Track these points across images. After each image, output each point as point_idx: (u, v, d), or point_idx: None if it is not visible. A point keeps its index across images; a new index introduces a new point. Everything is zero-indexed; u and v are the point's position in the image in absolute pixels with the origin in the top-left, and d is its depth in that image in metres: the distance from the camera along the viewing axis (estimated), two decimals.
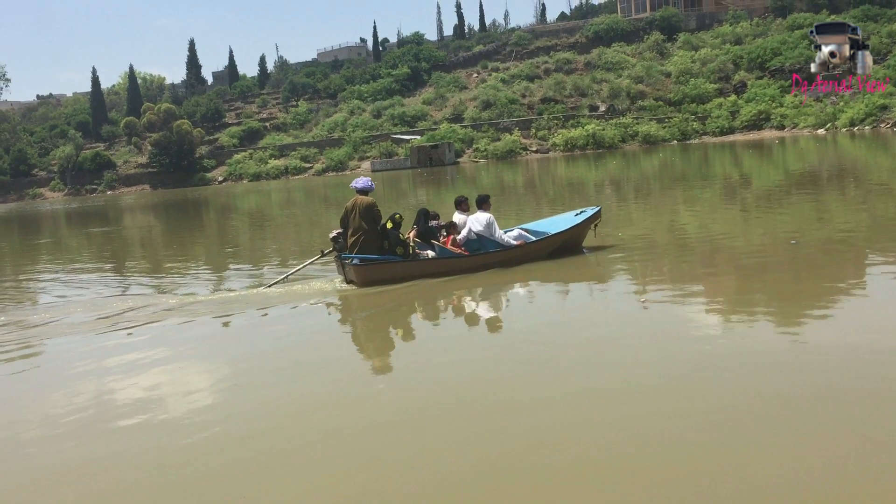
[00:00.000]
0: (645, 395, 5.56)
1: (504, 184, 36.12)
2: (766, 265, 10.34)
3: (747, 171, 29.95)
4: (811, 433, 4.72)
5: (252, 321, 9.56)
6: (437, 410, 5.70)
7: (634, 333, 7.38)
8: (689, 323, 7.70)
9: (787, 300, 8.31)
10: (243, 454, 5.13)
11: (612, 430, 4.98)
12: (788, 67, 64.90)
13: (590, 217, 12.10)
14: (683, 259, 11.60)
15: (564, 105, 73.08)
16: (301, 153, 78.18)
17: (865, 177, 22.96)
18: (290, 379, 6.82)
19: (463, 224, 11.69)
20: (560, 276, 10.79)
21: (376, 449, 5.05)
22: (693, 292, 9.24)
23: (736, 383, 5.65)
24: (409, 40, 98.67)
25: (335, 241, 11.38)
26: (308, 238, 20.48)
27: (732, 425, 4.90)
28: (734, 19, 78.46)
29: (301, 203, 37.61)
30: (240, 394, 6.55)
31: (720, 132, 63.28)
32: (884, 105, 52.63)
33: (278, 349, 7.97)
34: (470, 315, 9.31)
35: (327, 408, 6.00)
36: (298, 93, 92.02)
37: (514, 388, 5.99)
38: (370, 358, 7.76)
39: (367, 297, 10.37)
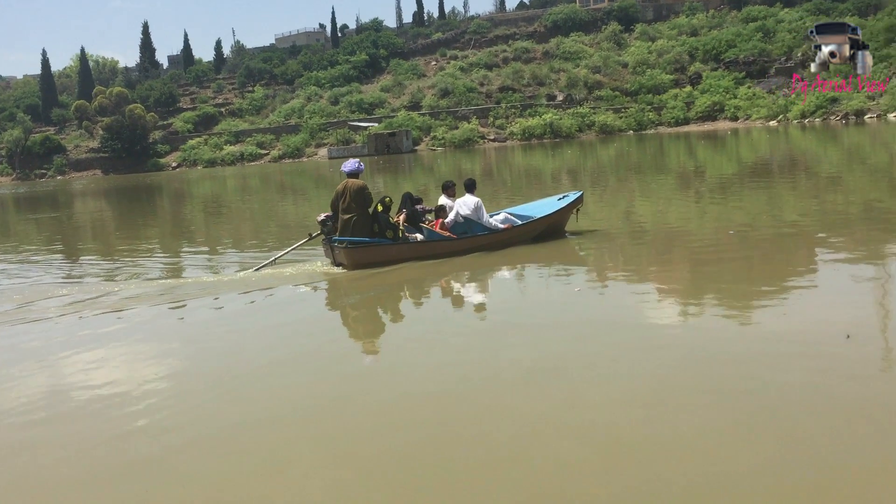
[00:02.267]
0: (581, 381, 5.61)
1: (462, 172, 36.10)
2: (720, 254, 10.49)
3: (702, 162, 30.35)
4: (740, 423, 4.75)
5: (243, 304, 9.40)
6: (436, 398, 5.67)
7: (584, 319, 7.42)
8: (638, 309, 7.79)
9: (737, 288, 8.41)
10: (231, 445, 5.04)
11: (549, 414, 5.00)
12: (742, 59, 65.89)
13: (572, 202, 12.39)
14: (639, 247, 11.71)
15: (522, 94, 73.28)
16: (257, 139, 77.28)
17: (815, 168, 23.42)
18: (284, 371, 6.65)
19: (450, 208, 11.80)
20: (544, 259, 10.95)
21: (352, 431, 5.00)
22: (647, 279, 9.33)
23: (676, 371, 5.71)
24: (367, 27, 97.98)
25: (323, 224, 11.39)
26: (265, 225, 20.26)
27: (666, 412, 4.93)
28: (690, 11, 79.33)
29: (257, 190, 37.17)
30: (232, 382, 6.43)
31: (675, 123, 64.06)
32: (834, 98, 53.72)
33: (272, 333, 7.89)
34: (461, 298, 9.37)
35: (317, 400, 5.93)
36: (255, 78, 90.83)
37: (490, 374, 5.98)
38: (364, 342, 7.75)
39: (357, 280, 10.36)
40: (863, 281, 8.30)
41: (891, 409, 4.78)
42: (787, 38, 65.89)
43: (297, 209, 24.44)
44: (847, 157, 26.61)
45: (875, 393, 5.05)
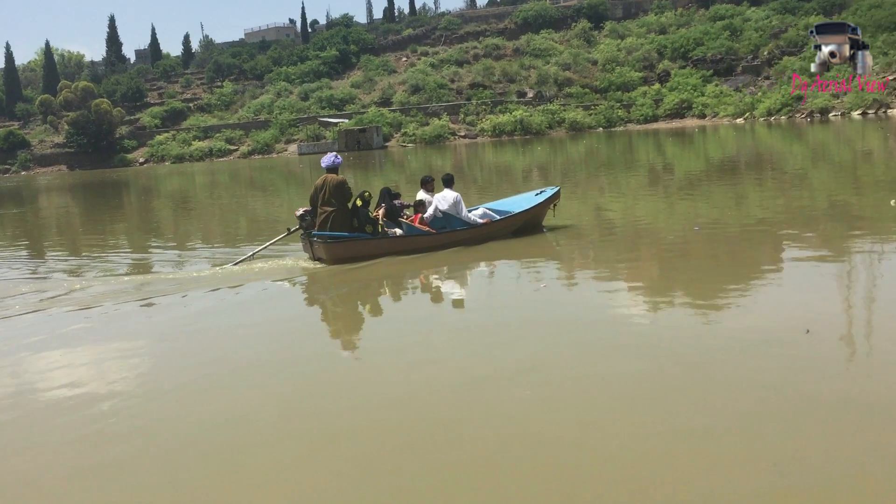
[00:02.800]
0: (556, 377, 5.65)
1: (433, 169, 36.09)
2: (687, 250, 10.62)
3: (670, 159, 30.64)
4: (697, 418, 4.83)
5: (217, 301, 9.34)
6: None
7: (556, 318, 7.48)
8: (607, 307, 7.86)
9: (703, 285, 8.53)
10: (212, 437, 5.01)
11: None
12: (710, 57, 66.55)
13: (550, 197, 12.55)
14: (609, 243, 11.81)
15: (493, 91, 73.39)
16: (226, 135, 76.56)
17: (781, 165, 23.76)
18: (256, 371, 6.58)
19: (429, 203, 11.86)
20: (522, 254, 11.05)
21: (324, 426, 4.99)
22: (616, 276, 9.42)
23: (644, 370, 5.76)
24: (338, 22, 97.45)
25: (302, 218, 11.36)
26: (234, 222, 20.12)
27: (632, 413, 5.00)
28: (659, 9, 79.96)
29: (227, 186, 36.86)
30: (202, 382, 6.38)
31: (644, 120, 64.54)
32: (799, 96, 54.47)
33: (245, 331, 7.82)
34: (440, 295, 9.38)
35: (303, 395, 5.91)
36: (224, 73, 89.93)
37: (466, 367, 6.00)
38: (340, 341, 7.64)
39: (336, 276, 10.36)
40: (825, 276, 8.46)
41: (844, 401, 4.88)
42: (754, 36, 66.68)
43: (267, 205, 24.28)
44: (812, 155, 27.02)
45: (830, 387, 5.14)
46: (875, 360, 5.72)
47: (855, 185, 17.24)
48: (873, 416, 4.63)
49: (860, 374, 5.42)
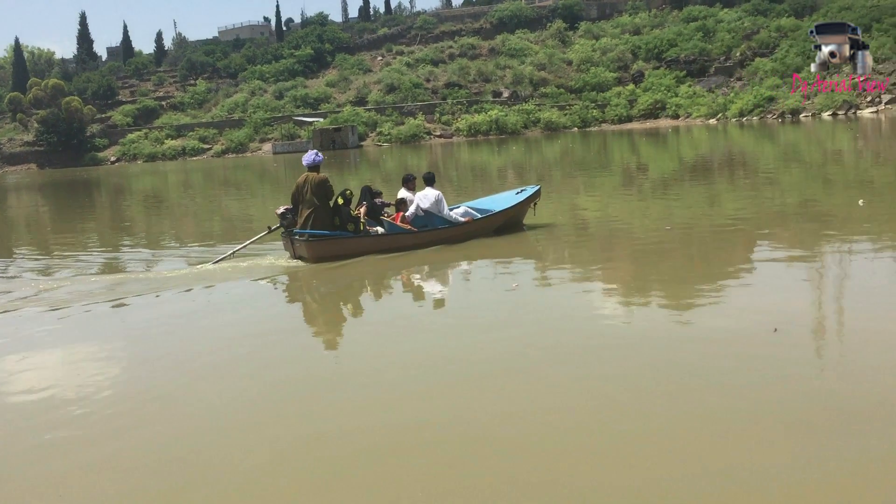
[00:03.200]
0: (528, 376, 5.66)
1: (408, 168, 36.04)
2: (660, 250, 10.68)
3: (644, 159, 30.85)
4: (663, 416, 4.85)
5: (195, 301, 9.21)
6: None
7: (533, 318, 7.49)
8: (582, 306, 7.87)
9: (674, 285, 8.59)
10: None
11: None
12: (683, 58, 67.11)
13: (530, 196, 12.60)
14: (585, 243, 11.86)
15: (468, 90, 73.46)
16: (199, 134, 75.97)
17: (753, 165, 24.00)
18: (230, 375, 6.46)
19: (411, 201, 11.85)
20: (503, 253, 11.07)
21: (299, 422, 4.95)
22: (590, 275, 9.45)
23: (616, 371, 5.76)
24: (313, 21, 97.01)
25: (283, 216, 11.24)
26: (208, 221, 19.95)
27: (597, 413, 5.02)
28: (633, 10, 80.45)
29: (200, 185, 36.56)
30: (175, 388, 6.29)
31: (619, 120, 64.96)
32: (771, 97, 55.11)
33: (222, 332, 7.68)
34: (421, 295, 9.36)
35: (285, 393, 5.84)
36: (197, 71, 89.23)
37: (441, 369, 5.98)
38: (320, 343, 7.47)
39: (317, 274, 10.29)
40: (795, 276, 8.54)
41: (806, 400, 4.92)
42: (727, 37, 67.32)
43: (242, 205, 24.11)
44: (784, 155, 27.31)
45: (793, 386, 5.17)
46: (841, 359, 5.78)
47: (825, 185, 17.45)
48: (837, 415, 4.66)
49: (825, 373, 5.46)
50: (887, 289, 7.65)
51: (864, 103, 50.06)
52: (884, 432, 4.39)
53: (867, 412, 4.67)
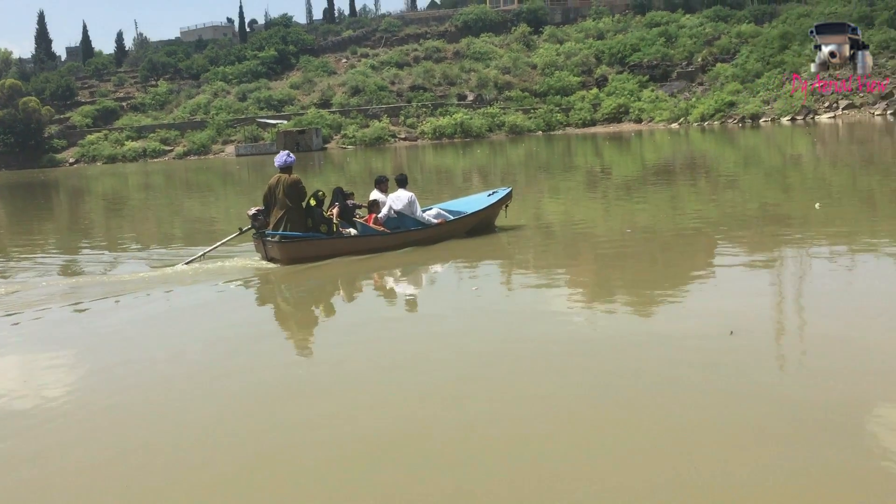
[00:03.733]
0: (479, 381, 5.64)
1: (372, 171, 35.92)
2: (622, 253, 10.76)
3: (608, 163, 31.08)
4: (618, 419, 4.87)
5: (162, 305, 9.06)
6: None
7: (497, 323, 7.48)
8: (542, 310, 7.89)
9: (634, 288, 8.64)
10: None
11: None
12: (646, 63, 67.80)
13: (502, 198, 12.74)
14: (547, 246, 11.89)
15: (433, 93, 73.44)
16: (161, 135, 74.91)
17: (714, 169, 24.31)
18: (192, 386, 6.27)
19: (383, 203, 11.84)
20: (475, 255, 11.12)
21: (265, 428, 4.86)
22: (553, 279, 9.49)
23: (574, 378, 5.77)
24: (277, 22, 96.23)
25: (254, 218, 11.16)
26: (170, 224, 19.67)
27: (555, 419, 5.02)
28: (597, 15, 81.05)
29: (162, 187, 36.06)
30: (132, 399, 6.15)
31: (583, 124, 65.38)
32: (731, 102, 55.91)
33: (188, 338, 7.55)
34: (393, 297, 9.37)
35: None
36: (158, 72, 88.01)
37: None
38: (290, 352, 7.32)
39: (289, 276, 10.22)
40: (754, 279, 8.64)
41: (761, 404, 4.94)
42: (688, 43, 68.14)
43: (204, 207, 23.82)
44: (744, 159, 27.70)
45: (745, 388, 5.21)
46: (796, 363, 5.84)
47: (784, 189, 17.72)
48: (791, 420, 4.69)
49: (779, 377, 5.50)
50: (843, 292, 7.77)
51: (821, 109, 50.98)
52: (838, 437, 4.42)
53: (821, 416, 4.70)
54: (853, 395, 5.02)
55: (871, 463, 4.11)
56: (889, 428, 4.53)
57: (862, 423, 4.58)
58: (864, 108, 49.20)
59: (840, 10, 60.85)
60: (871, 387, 5.13)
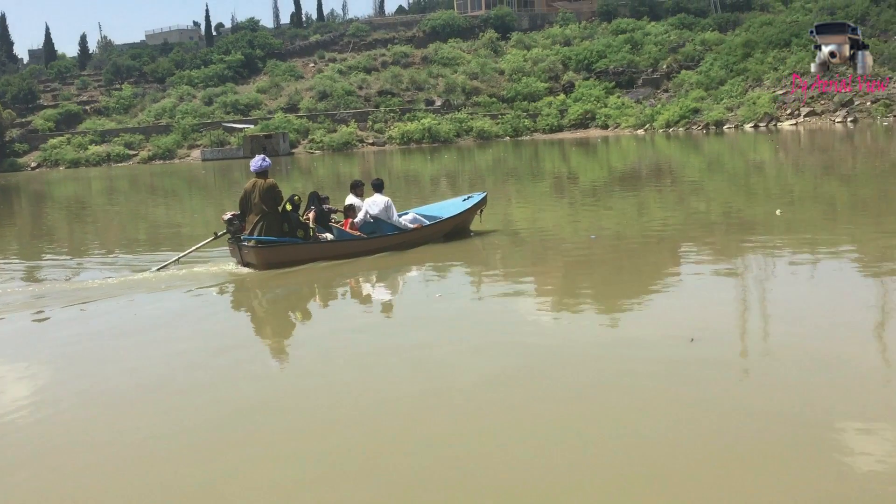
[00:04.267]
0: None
1: (340, 176, 35.82)
2: (590, 259, 10.84)
3: (575, 168, 31.29)
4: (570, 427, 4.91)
5: (131, 312, 8.91)
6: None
7: (461, 330, 7.49)
8: (504, 318, 7.89)
9: (598, 294, 8.70)
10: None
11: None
12: (612, 70, 68.41)
13: (477, 203, 12.88)
14: (514, 252, 11.94)
15: (401, 98, 73.39)
16: (125, 139, 73.94)
17: (680, 175, 24.59)
18: (155, 402, 6.12)
19: (359, 207, 11.85)
20: (450, 259, 11.20)
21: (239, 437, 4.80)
22: (520, 285, 9.53)
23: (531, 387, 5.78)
24: (243, 26, 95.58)
25: (230, 223, 11.07)
26: (134, 229, 19.41)
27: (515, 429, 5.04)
28: (564, 21, 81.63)
29: (126, 192, 35.58)
30: (114, 403, 6.03)
31: (550, 130, 65.75)
32: (696, 109, 56.62)
33: (156, 349, 7.34)
34: (371, 301, 9.35)
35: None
36: (123, 76, 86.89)
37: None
38: (263, 365, 7.19)
39: (264, 282, 10.14)
40: (717, 285, 8.70)
41: (716, 409, 4.99)
42: (654, 50, 68.89)
43: (169, 212, 23.55)
44: (708, 166, 28.05)
45: (702, 396, 5.24)
46: (754, 370, 5.87)
47: (748, 195, 17.97)
48: (746, 426, 4.72)
49: (739, 385, 5.51)
50: (804, 299, 7.87)
51: (784, 116, 51.82)
52: (797, 447, 4.44)
53: (781, 427, 4.70)
54: (812, 403, 5.06)
55: (830, 471, 4.16)
56: (847, 438, 4.56)
57: (821, 434, 4.60)
58: (824, 115, 50.08)
59: (801, 19, 61.98)
60: (831, 395, 5.19)
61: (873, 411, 4.84)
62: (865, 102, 49.25)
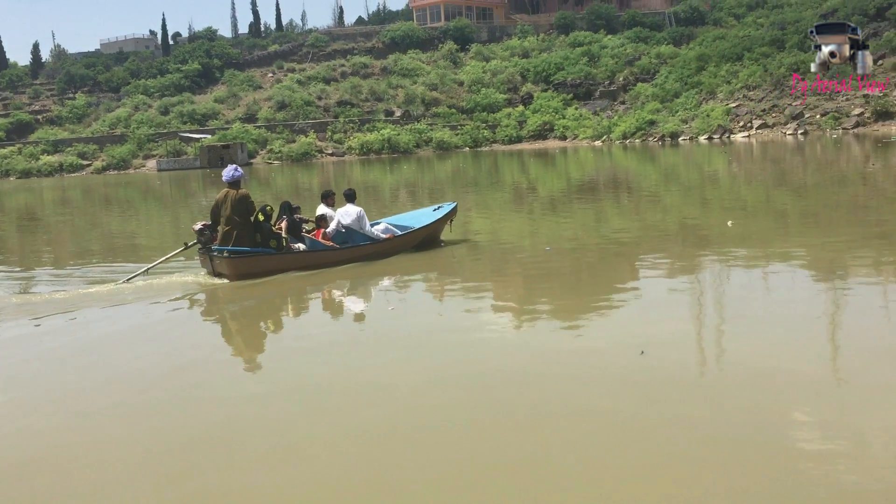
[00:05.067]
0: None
1: (299, 187, 35.61)
2: (547, 271, 10.92)
3: (534, 179, 31.53)
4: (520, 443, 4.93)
5: (108, 321, 8.74)
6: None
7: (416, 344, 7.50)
8: (459, 332, 7.88)
9: (551, 307, 8.75)
10: None
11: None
12: (570, 81, 69.19)
13: (448, 213, 13.05)
14: (475, 263, 11.98)
15: (360, 109, 73.32)
16: (78, 149, 72.65)
17: (636, 186, 24.91)
18: (111, 424, 6.03)
19: (331, 217, 11.89)
20: (422, 269, 11.29)
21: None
22: (474, 298, 9.57)
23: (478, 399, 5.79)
24: (201, 35, 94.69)
25: (200, 233, 11.02)
26: (87, 240, 19.07)
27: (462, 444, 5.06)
28: (522, 34, 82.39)
29: (79, 203, 34.94)
30: (70, 423, 5.89)
31: (509, 141, 66.21)
32: (652, 120, 57.49)
33: (121, 364, 7.20)
34: (342, 313, 9.37)
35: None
36: (76, 85, 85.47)
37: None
38: (231, 372, 7.10)
39: (234, 292, 10.09)
40: (670, 297, 8.80)
41: (656, 423, 5.02)
42: (610, 63, 69.85)
43: (124, 223, 23.19)
44: (664, 177, 28.47)
45: (647, 410, 5.25)
46: (703, 383, 5.89)
47: (702, 206, 18.27)
48: (692, 440, 4.74)
49: (687, 399, 5.48)
50: (756, 311, 7.97)
51: (736, 128, 52.83)
52: (742, 461, 4.45)
53: (727, 441, 4.69)
54: (755, 415, 5.08)
55: (770, 483, 4.20)
56: (794, 452, 4.57)
57: (766, 447, 4.60)
58: (776, 127, 51.18)
59: (753, 34, 63.40)
60: (774, 407, 5.19)
61: (820, 424, 4.91)
62: (815, 115, 50.45)
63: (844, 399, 5.38)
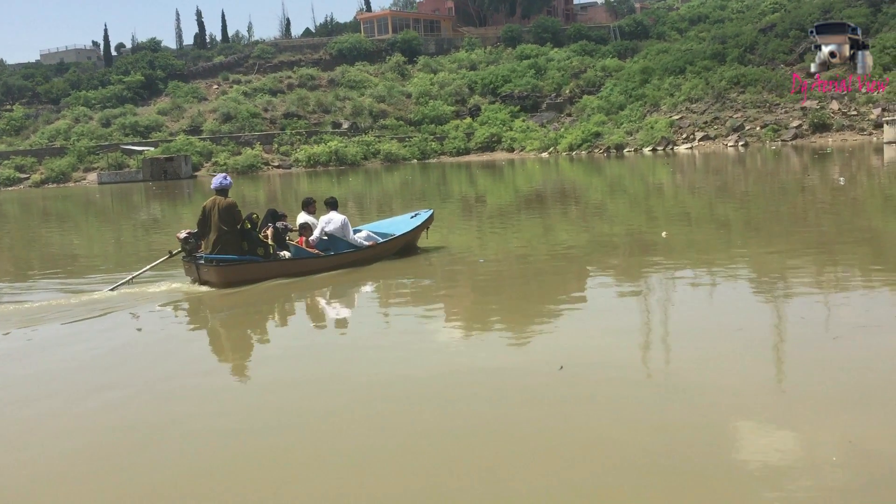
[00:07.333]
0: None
1: (245, 199, 35.14)
2: (500, 279, 10.94)
3: (482, 191, 31.65)
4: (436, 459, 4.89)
5: (92, 331, 8.60)
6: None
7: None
8: (416, 336, 7.91)
9: (481, 322, 8.64)
10: None
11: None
12: (517, 94, 69.81)
13: (425, 220, 13.38)
14: (427, 274, 11.95)
15: (307, 121, 72.86)
16: (16, 162, 70.66)
17: (583, 197, 25.18)
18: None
19: (313, 224, 12.07)
20: (403, 275, 11.51)
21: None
22: (429, 310, 9.53)
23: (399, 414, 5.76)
24: (144, 46, 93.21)
25: (185, 241, 11.05)
26: (26, 255, 18.52)
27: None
28: (470, 46, 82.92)
29: (16, 217, 33.96)
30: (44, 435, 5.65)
31: (457, 152, 66.43)
32: (598, 132, 58.28)
33: (100, 376, 7.08)
34: (325, 321, 9.43)
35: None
36: (14, 96, 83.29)
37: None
38: (210, 379, 6.95)
39: (221, 298, 10.15)
40: (606, 310, 8.79)
41: (569, 441, 4.99)
42: (557, 75, 70.68)
43: (64, 237, 22.59)
44: (609, 188, 28.84)
45: (554, 425, 5.23)
46: (613, 395, 5.81)
47: (648, 217, 18.53)
48: (605, 458, 4.71)
49: (602, 417, 5.40)
50: (693, 323, 7.99)
51: (680, 140, 53.86)
52: (659, 483, 4.38)
53: (644, 459, 4.64)
54: (682, 431, 5.05)
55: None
56: (704, 466, 4.53)
57: (678, 466, 4.56)
58: (718, 139, 52.31)
59: (695, 48, 64.83)
60: (700, 425, 5.14)
61: (742, 439, 4.91)
62: (755, 127, 51.70)
63: (780, 411, 5.33)
